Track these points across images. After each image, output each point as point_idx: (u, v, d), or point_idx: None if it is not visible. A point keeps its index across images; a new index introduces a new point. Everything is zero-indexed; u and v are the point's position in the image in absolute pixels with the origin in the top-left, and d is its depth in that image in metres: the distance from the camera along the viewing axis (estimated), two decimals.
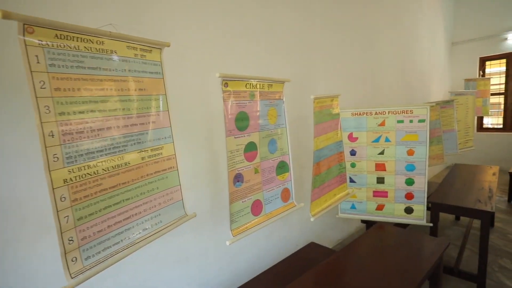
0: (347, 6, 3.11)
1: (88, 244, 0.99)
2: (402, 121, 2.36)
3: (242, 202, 1.46)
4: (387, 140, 2.42)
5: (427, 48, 5.11)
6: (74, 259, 0.93)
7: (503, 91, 5.95)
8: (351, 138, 2.54)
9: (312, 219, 1.76)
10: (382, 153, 2.45)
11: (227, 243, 1.34)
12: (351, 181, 2.59)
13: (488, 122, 6.28)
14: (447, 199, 2.42)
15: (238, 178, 1.43)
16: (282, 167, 1.68)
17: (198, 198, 1.84)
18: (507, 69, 5.86)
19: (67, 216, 0.91)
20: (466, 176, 3.08)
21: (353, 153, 2.55)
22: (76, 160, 0.95)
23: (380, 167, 2.47)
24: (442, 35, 5.80)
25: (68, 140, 0.92)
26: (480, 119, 6.26)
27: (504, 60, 5.88)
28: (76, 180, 0.95)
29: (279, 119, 1.65)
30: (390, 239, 1.87)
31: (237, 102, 1.40)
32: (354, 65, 3.27)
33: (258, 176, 1.54)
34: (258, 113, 1.51)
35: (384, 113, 2.40)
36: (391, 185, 2.46)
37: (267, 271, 1.95)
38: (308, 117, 2.47)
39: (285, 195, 1.70)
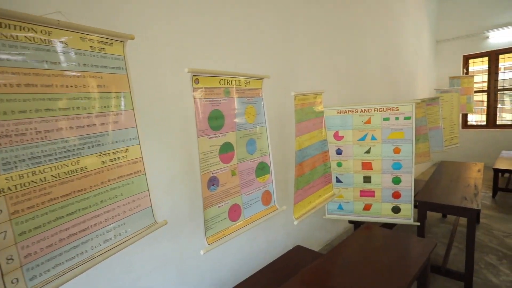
0: (331, 3, 3.05)
1: (34, 261, 0.86)
2: (388, 119, 2.30)
3: (218, 207, 1.35)
4: (373, 138, 2.36)
5: (412, 45, 5.13)
6: (14, 280, 0.81)
7: (486, 89, 6.05)
8: (336, 136, 2.47)
9: (295, 223, 1.68)
10: (368, 151, 2.39)
11: (202, 252, 1.24)
12: (338, 181, 2.52)
13: (472, 119, 6.37)
14: (433, 197, 2.38)
15: (213, 182, 1.32)
16: (263, 169, 1.58)
17: (176, 202, 1.72)
18: (489, 66, 5.95)
19: (4, 231, 0.79)
20: (452, 173, 3.06)
21: (339, 152, 2.48)
22: (16, 166, 0.82)
23: (366, 166, 2.41)
24: (427, 33, 5.84)
25: (5, 144, 0.80)
26: (465, 116, 6.34)
27: (486, 58, 5.97)
28: (16, 189, 0.82)
29: (258, 117, 1.55)
30: (377, 240, 1.80)
31: (211, 99, 1.29)
32: (340, 62, 3.21)
33: (236, 178, 1.44)
34: (234, 112, 1.41)
35: (369, 110, 2.34)
36: (378, 184, 2.40)
37: (251, 277, 1.85)
38: (293, 115, 2.39)
39: (266, 198, 1.60)
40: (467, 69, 6.18)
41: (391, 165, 2.34)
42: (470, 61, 6.17)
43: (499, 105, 5.96)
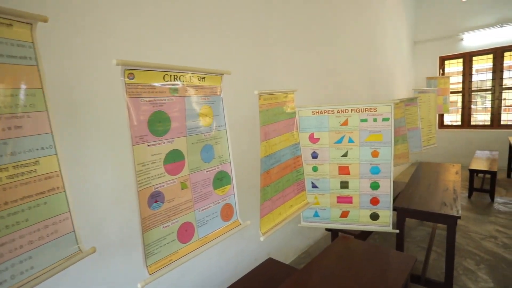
0: (309, 1, 2.87)
1: None
2: (365, 120, 2.15)
3: (164, 227, 1.12)
4: (350, 140, 2.20)
5: (390, 46, 5.08)
6: None
7: (461, 90, 6.14)
8: (312, 139, 2.29)
9: (261, 239, 1.47)
10: (345, 155, 2.23)
11: (139, 286, 1.00)
12: (313, 186, 2.35)
13: (448, 119, 6.46)
14: (412, 203, 2.25)
15: (156, 198, 1.09)
16: (222, 179, 1.36)
17: (125, 219, 1.47)
18: (463, 68, 6.04)
19: None
20: (431, 175, 2.98)
21: (314, 155, 2.31)
22: None
23: (343, 170, 2.25)
24: (405, 33, 5.84)
25: None
26: (441, 117, 6.42)
27: (460, 60, 6.06)
28: None
29: (216, 119, 1.33)
30: (354, 255, 1.64)
31: (152, 99, 1.06)
32: (317, 61, 3.04)
33: (187, 192, 1.21)
34: (184, 113, 1.18)
35: (346, 111, 2.18)
36: (356, 189, 2.25)
37: None
38: None
39: (227, 212, 1.39)
40: (443, 70, 6.26)
41: (369, 169, 2.19)
42: (446, 62, 6.24)
43: (472, 106, 6.07)
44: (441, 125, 6.47)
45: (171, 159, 1.13)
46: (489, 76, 5.78)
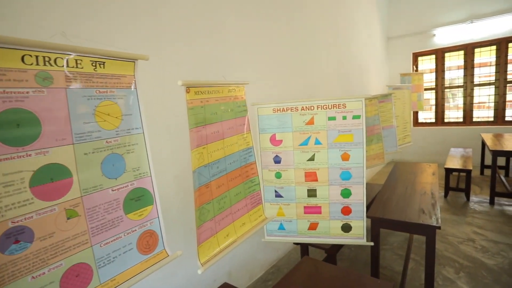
0: None
1: None
2: (334, 118, 1.87)
3: (33, 278, 0.77)
4: (317, 142, 1.92)
5: (364, 41, 4.92)
6: None
7: (434, 87, 6.12)
8: (274, 141, 1.99)
9: (199, 271, 1.15)
10: (312, 158, 1.95)
11: None
12: (277, 195, 2.05)
13: (422, 117, 6.43)
14: (388, 211, 2.01)
15: (16, 237, 0.73)
16: (139, 199, 1.02)
17: None
18: (436, 64, 6.02)
19: None
20: (407, 177, 2.78)
21: (277, 160, 2.01)
22: None
23: (310, 176, 1.97)
24: (378, 29, 5.72)
25: None
26: (415, 114, 6.38)
27: (433, 56, 6.03)
28: None
29: (126, 120, 0.99)
30: (320, 284, 1.35)
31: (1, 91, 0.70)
32: (282, 53, 2.76)
33: (79, 221, 0.86)
34: (67, 112, 0.83)
35: (312, 108, 1.90)
36: (325, 198, 1.97)
37: None
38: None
39: (148, 242, 1.05)
40: (417, 67, 6.21)
41: (339, 174, 1.92)
42: (419, 59, 6.20)
43: (446, 103, 6.07)
44: (416, 122, 6.43)
45: (44, 178, 0.78)
46: (461, 73, 5.78)
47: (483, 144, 4.86)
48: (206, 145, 1.20)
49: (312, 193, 1.98)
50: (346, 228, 1.97)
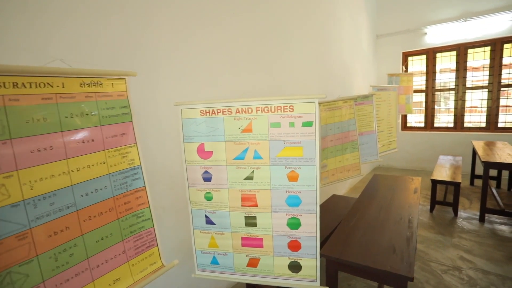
0: None
1: None
2: (278, 125, 1.40)
3: None
4: (256, 156, 1.45)
5: (349, 38, 4.46)
6: None
7: (424, 89, 5.71)
8: (202, 152, 1.51)
9: None
10: (250, 177, 1.48)
11: None
12: (208, 221, 1.58)
13: (412, 120, 6.02)
14: (349, 248, 1.55)
15: None
16: None
17: None
18: (427, 65, 5.61)
19: None
20: (384, 195, 2.32)
21: (207, 177, 1.53)
22: None
23: (248, 200, 1.50)
24: (366, 26, 5.27)
25: None
26: (404, 118, 5.97)
27: (424, 56, 5.62)
28: None
29: None
30: None
31: None
32: (241, 43, 2.27)
33: None
34: None
35: (249, 110, 1.42)
36: (267, 228, 1.50)
37: None
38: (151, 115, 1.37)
39: None
40: (406, 67, 5.79)
41: (285, 199, 1.45)
42: (410, 59, 5.78)
43: (436, 107, 5.67)
44: (405, 126, 6.02)
45: None
46: (453, 75, 5.38)
47: (474, 153, 4.46)
48: (16, 172, 0.71)
49: (250, 221, 1.51)
50: (295, 267, 1.50)
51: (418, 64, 5.74)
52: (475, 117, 5.30)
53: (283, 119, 1.38)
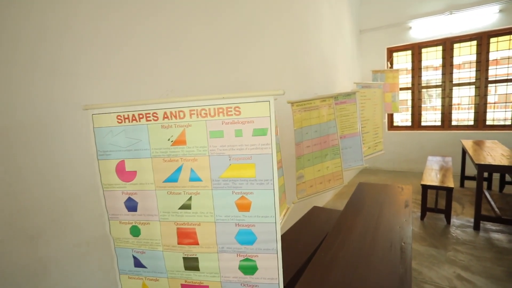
0: None
1: None
2: (220, 134, 1.01)
3: None
4: (194, 177, 1.06)
5: (330, 32, 4.13)
6: None
7: (410, 86, 5.46)
8: (122, 172, 1.11)
9: None
10: (187, 206, 1.08)
11: None
12: (138, 264, 1.17)
13: (398, 119, 5.77)
14: None
15: None
16: None
17: None
18: (412, 61, 5.36)
19: None
20: (370, 211, 1.97)
21: (132, 205, 1.13)
22: None
23: (187, 236, 1.10)
24: (348, 19, 4.97)
25: None
26: (390, 116, 5.71)
27: (409, 52, 5.38)
28: None
29: None
30: None
31: None
32: (206, 35, 1.87)
33: None
34: None
35: (181, 115, 1.03)
36: (213, 273, 1.11)
37: None
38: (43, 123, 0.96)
39: None
40: (392, 63, 5.53)
41: (235, 235, 1.06)
42: (395, 55, 5.53)
43: (422, 104, 5.43)
44: (391, 126, 5.76)
45: None
46: (439, 72, 5.15)
47: (464, 152, 4.22)
48: None
49: (191, 263, 1.12)
50: None
51: (403, 60, 5.48)
52: (463, 115, 5.08)
53: (227, 126, 0.99)
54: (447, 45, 4.98)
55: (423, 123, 5.43)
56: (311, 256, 1.59)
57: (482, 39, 4.70)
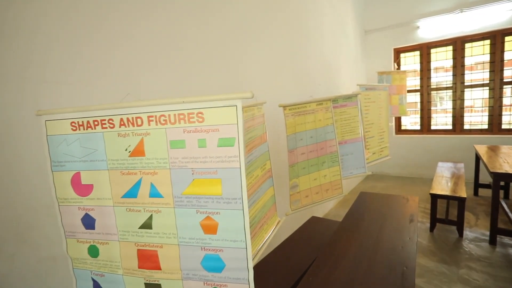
0: None
1: None
2: (181, 144, 0.88)
3: None
4: (154, 193, 0.92)
5: (333, 33, 3.97)
6: None
7: (419, 88, 5.23)
8: (78, 186, 0.99)
9: None
10: (148, 225, 0.95)
11: None
12: (97, 287, 1.05)
13: (407, 122, 5.52)
14: None
15: None
16: None
17: None
18: (421, 62, 5.13)
19: None
20: (370, 227, 1.78)
21: (89, 222, 1.01)
22: None
23: (148, 259, 0.97)
24: (352, 20, 4.80)
25: None
26: (398, 120, 5.47)
27: (417, 53, 5.15)
28: None
29: None
30: None
31: None
32: (193, 33, 1.75)
33: None
34: None
35: (139, 121, 0.90)
36: None
37: None
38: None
39: None
40: (399, 64, 5.31)
41: (201, 260, 0.92)
42: (402, 56, 5.31)
43: (432, 107, 5.17)
44: (398, 130, 5.51)
45: None
46: (449, 73, 4.90)
47: (477, 158, 3.96)
48: None
49: None
50: None
51: (411, 61, 5.26)
52: (476, 118, 4.81)
53: (189, 135, 0.86)
54: (458, 44, 4.74)
55: (433, 127, 5.18)
56: (298, 280, 1.43)
57: (496, 38, 4.45)
